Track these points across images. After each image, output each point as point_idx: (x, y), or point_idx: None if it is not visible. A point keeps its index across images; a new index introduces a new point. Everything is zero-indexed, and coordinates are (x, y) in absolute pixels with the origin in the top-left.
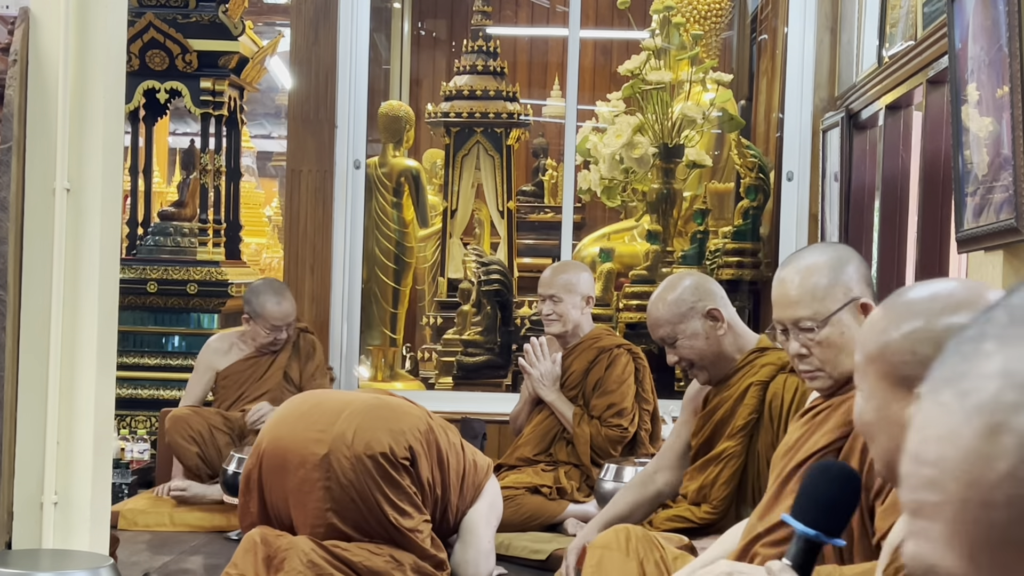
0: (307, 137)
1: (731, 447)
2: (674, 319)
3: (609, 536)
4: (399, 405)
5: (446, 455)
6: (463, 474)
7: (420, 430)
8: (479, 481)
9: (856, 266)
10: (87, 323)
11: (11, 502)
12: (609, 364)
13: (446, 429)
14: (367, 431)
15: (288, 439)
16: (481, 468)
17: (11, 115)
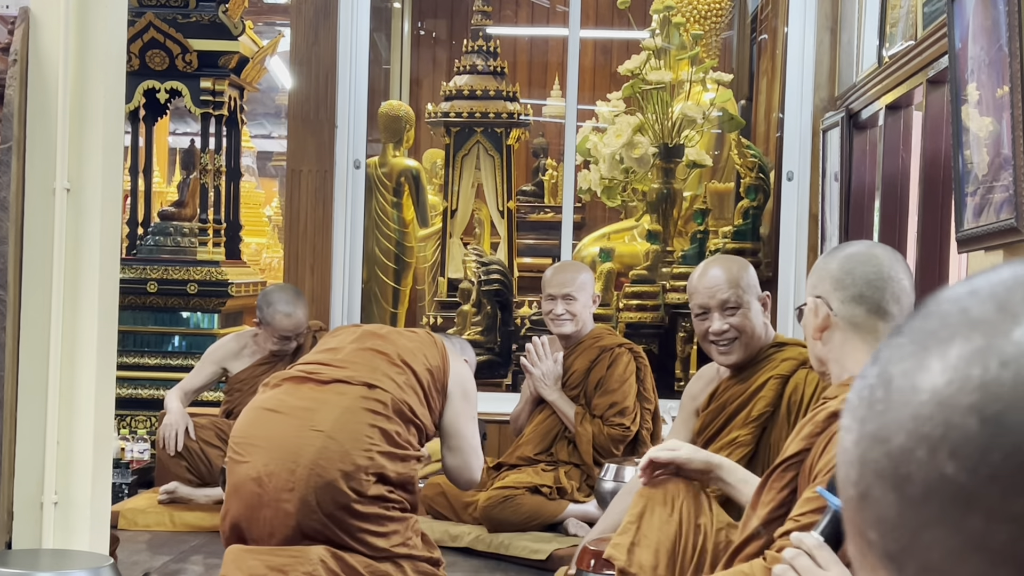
0: (307, 137)
1: (742, 435)
2: (746, 287)
3: (658, 487)
4: (353, 410)
5: (414, 409)
6: (428, 400)
7: (375, 436)
8: (442, 382)
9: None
10: (87, 323)
11: (11, 502)
12: (611, 363)
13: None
14: (327, 461)
15: (253, 494)
16: (439, 370)
17: (11, 115)
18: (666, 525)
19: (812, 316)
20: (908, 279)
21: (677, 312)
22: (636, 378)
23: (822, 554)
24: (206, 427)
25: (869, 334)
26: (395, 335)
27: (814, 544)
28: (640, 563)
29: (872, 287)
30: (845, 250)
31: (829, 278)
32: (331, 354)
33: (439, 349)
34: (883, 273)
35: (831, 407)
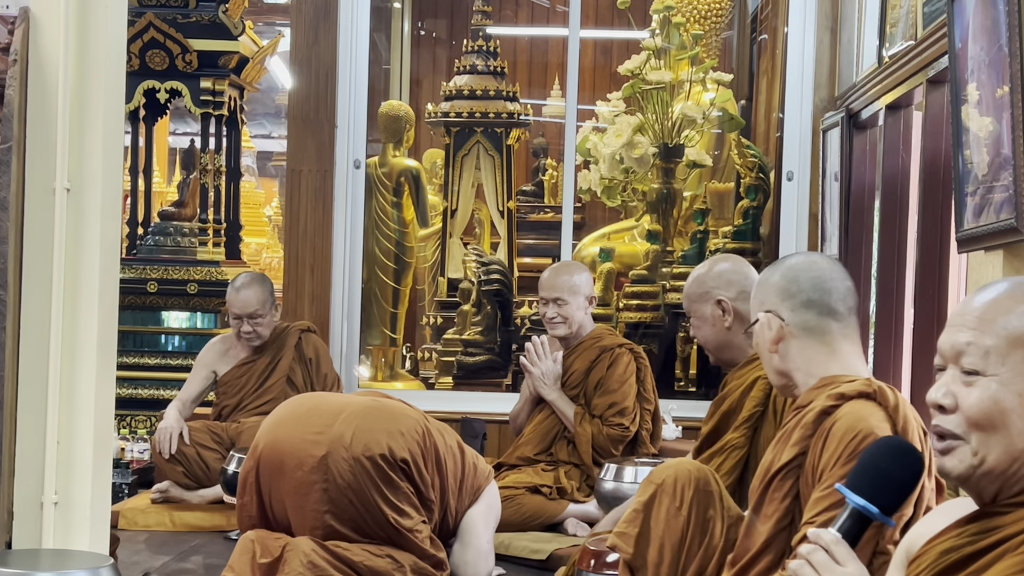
0: (307, 137)
1: (734, 438)
2: (692, 297)
3: (668, 476)
4: (396, 407)
5: (444, 458)
6: (461, 477)
7: (418, 432)
8: (478, 484)
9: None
10: (87, 323)
11: (11, 502)
12: (611, 363)
13: (443, 432)
14: (365, 433)
15: (285, 441)
16: (481, 472)
17: (11, 115)
18: (674, 519)
19: (766, 330)
20: (850, 280)
21: (677, 312)
22: (636, 378)
23: (839, 549)
24: (200, 430)
25: (825, 335)
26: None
27: (832, 540)
28: (644, 556)
29: (819, 290)
30: (784, 263)
31: (775, 290)
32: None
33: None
34: (826, 275)
35: (818, 406)
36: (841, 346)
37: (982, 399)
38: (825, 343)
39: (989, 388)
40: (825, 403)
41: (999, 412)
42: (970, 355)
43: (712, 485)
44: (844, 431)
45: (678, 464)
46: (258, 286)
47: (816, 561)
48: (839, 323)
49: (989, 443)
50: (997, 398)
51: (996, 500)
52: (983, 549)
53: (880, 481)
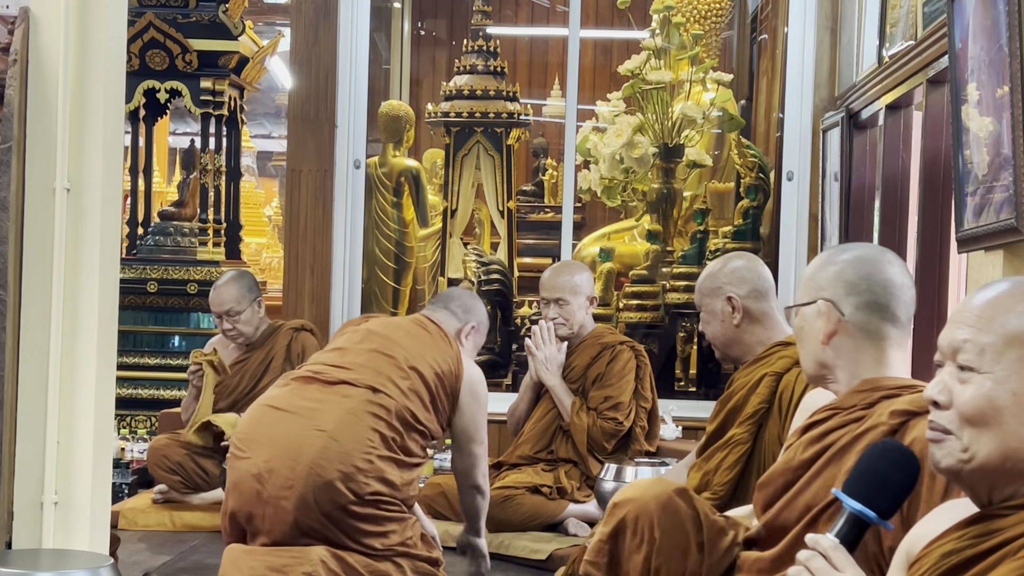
0: (307, 137)
1: (739, 434)
2: (703, 291)
3: (629, 510)
4: (356, 412)
5: (414, 415)
6: (433, 401)
7: (375, 440)
8: (454, 388)
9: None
10: (87, 323)
11: (11, 502)
12: (611, 359)
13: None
14: (320, 476)
15: (253, 490)
16: (451, 375)
17: (11, 115)
18: (636, 554)
19: (821, 321)
20: (914, 288)
21: (677, 312)
22: (635, 375)
23: (837, 555)
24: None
25: (882, 340)
26: (405, 337)
27: (829, 545)
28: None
29: (887, 294)
30: (854, 252)
31: (840, 281)
32: (338, 355)
33: (453, 353)
34: (896, 280)
35: (882, 424)
36: (893, 353)
37: (976, 396)
38: (879, 348)
39: (983, 386)
40: (891, 422)
41: (992, 409)
42: (966, 352)
43: (681, 509)
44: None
45: (642, 492)
46: (234, 283)
47: (814, 567)
48: (897, 330)
49: (980, 440)
50: (991, 395)
51: (994, 501)
52: (984, 552)
53: (877, 485)
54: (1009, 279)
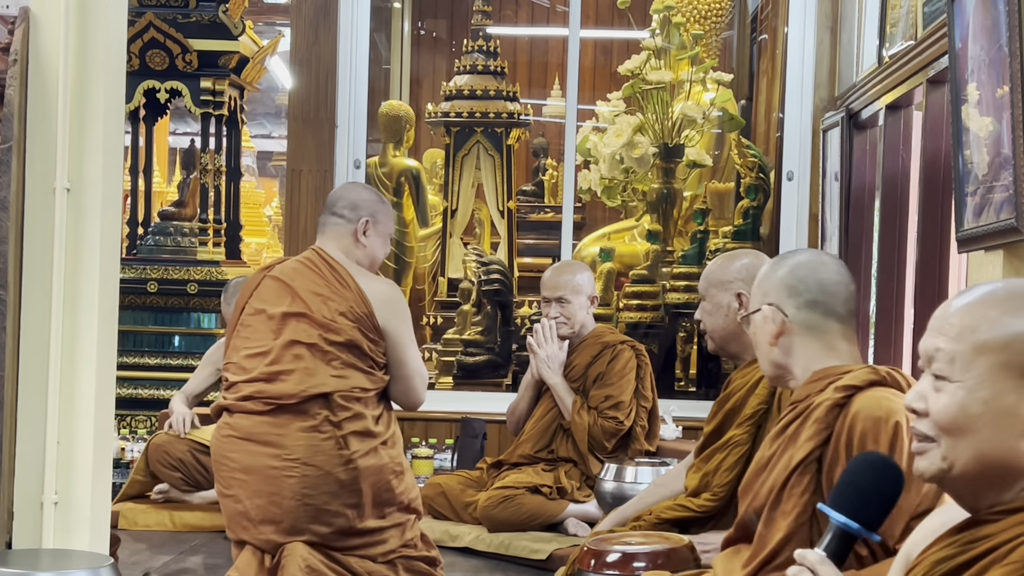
0: (307, 137)
1: (738, 435)
2: (713, 281)
3: None
4: (318, 427)
5: (363, 388)
6: (370, 355)
7: (345, 441)
8: (373, 324)
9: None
10: (87, 323)
11: (11, 502)
12: (612, 358)
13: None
14: (311, 503)
15: (244, 527)
16: (367, 316)
17: (11, 115)
18: None
19: (767, 323)
20: (853, 284)
21: (677, 312)
22: (636, 375)
23: (825, 569)
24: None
25: (826, 334)
26: (310, 297)
27: (817, 559)
28: None
29: (824, 292)
30: (792, 259)
31: (781, 285)
32: (261, 360)
33: (353, 291)
34: (833, 278)
35: (827, 400)
36: (840, 344)
37: (948, 405)
38: (825, 342)
39: (956, 395)
40: (835, 396)
41: (965, 418)
42: (939, 360)
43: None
44: (872, 422)
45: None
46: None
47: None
48: (841, 324)
49: (958, 447)
50: (963, 404)
51: (980, 508)
52: (973, 559)
53: (860, 498)
54: (988, 284)
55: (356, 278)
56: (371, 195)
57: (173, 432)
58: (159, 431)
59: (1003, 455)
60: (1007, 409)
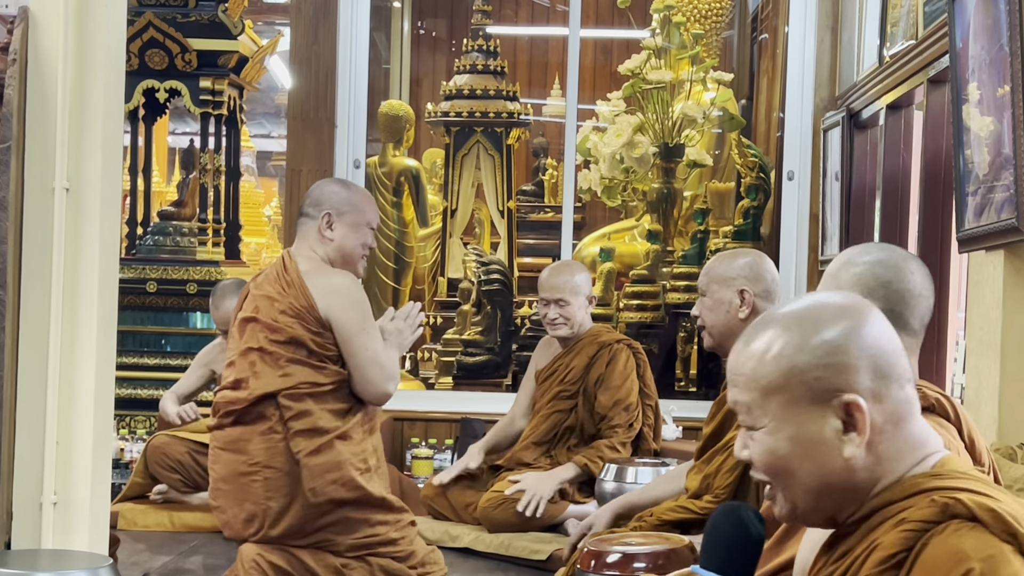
0: (307, 137)
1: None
2: (715, 277)
3: None
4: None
5: (314, 382)
6: (316, 351)
7: (298, 440)
8: (316, 317)
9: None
10: (87, 323)
11: (11, 502)
12: (610, 359)
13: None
14: (278, 502)
15: (232, 535)
16: (308, 310)
17: (10, 115)
18: None
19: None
20: (933, 296)
21: (677, 312)
22: (637, 374)
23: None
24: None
25: None
26: (261, 301)
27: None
28: None
29: (903, 303)
30: (875, 255)
31: (859, 284)
32: (230, 370)
33: (296, 287)
34: (915, 289)
35: None
36: None
37: (761, 453)
38: None
39: (763, 442)
40: None
41: (778, 460)
42: (742, 412)
43: None
44: None
45: None
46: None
47: None
48: (909, 338)
49: (789, 488)
50: (772, 448)
51: (839, 522)
52: (845, 570)
53: (723, 552)
54: (760, 323)
55: (304, 275)
56: (337, 188)
57: (179, 421)
58: (158, 432)
59: (830, 480)
60: (812, 439)
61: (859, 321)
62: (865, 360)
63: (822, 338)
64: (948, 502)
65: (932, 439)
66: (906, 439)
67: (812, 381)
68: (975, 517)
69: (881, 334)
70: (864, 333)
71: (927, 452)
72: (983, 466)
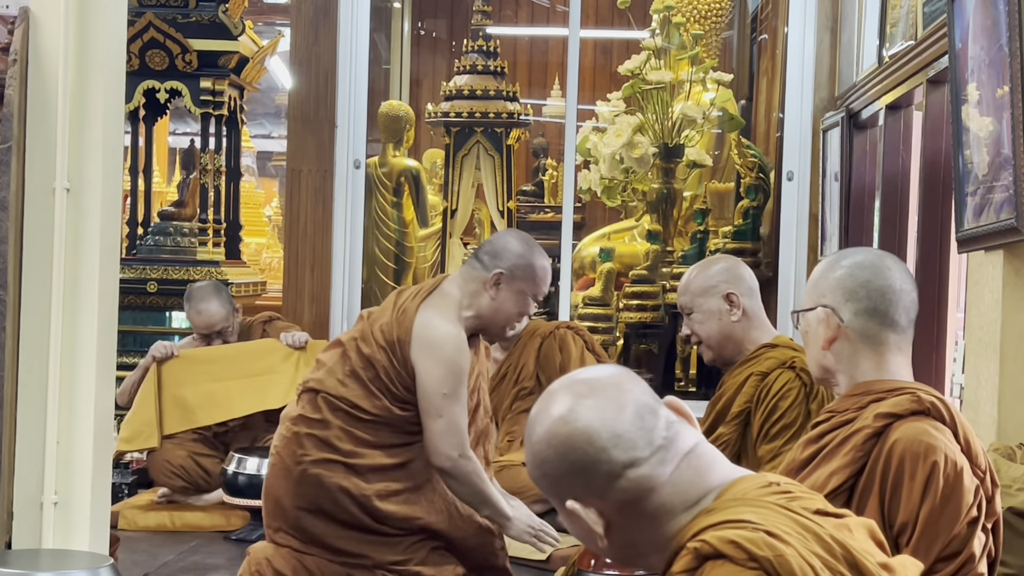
0: (307, 137)
1: (725, 433)
2: (696, 291)
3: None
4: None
5: (352, 402)
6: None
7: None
8: (403, 355)
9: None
10: (87, 323)
11: (11, 502)
12: (560, 346)
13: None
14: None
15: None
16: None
17: (11, 115)
18: None
19: (822, 327)
20: (916, 291)
21: (677, 312)
22: (589, 350)
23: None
24: (197, 440)
25: (880, 345)
26: (379, 309)
27: None
28: None
29: (885, 301)
30: (854, 258)
31: (839, 288)
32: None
33: (406, 314)
34: (895, 285)
35: (866, 428)
36: (892, 357)
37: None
38: (878, 353)
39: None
40: (874, 424)
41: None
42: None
43: None
44: (910, 457)
45: None
46: (215, 299)
47: None
48: (897, 335)
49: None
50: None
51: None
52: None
53: None
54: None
55: (422, 308)
56: (521, 250)
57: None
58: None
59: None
60: (580, 530)
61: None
62: (567, 466)
63: (534, 448)
64: (698, 546)
65: (711, 473)
66: (661, 501)
67: (544, 490)
68: (720, 553)
69: (592, 424)
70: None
71: (704, 489)
72: (979, 468)
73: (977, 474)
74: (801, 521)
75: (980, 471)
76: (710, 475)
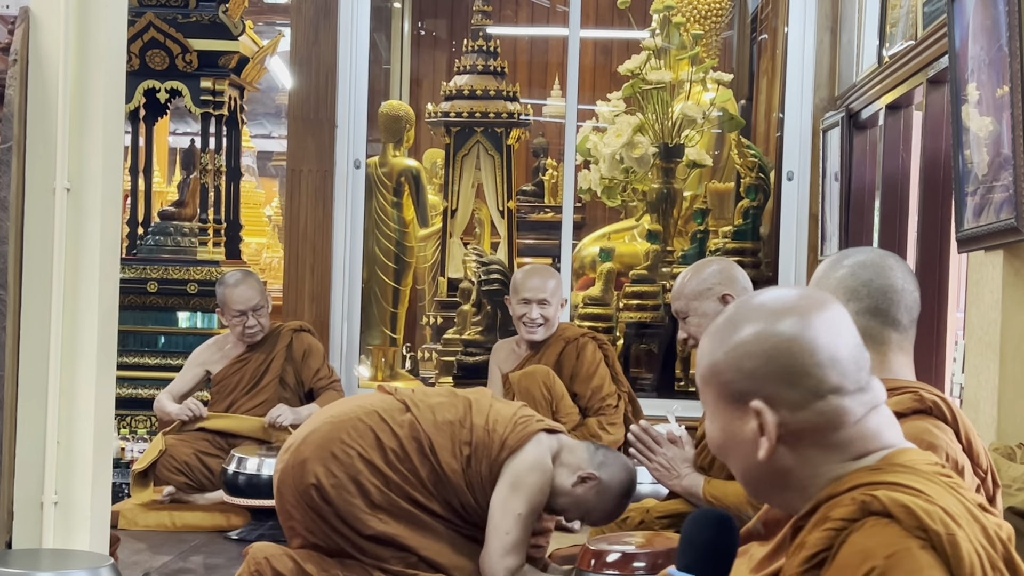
0: (307, 137)
1: None
2: (691, 295)
3: None
4: (352, 413)
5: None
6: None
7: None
8: (496, 458)
9: None
10: (87, 323)
11: (11, 502)
12: (578, 353)
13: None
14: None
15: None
16: (498, 439)
17: (11, 115)
18: None
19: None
20: (918, 290)
21: None
22: (606, 363)
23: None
24: (201, 438)
25: (882, 344)
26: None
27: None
28: None
29: (887, 300)
30: (855, 258)
31: (840, 287)
32: None
33: (528, 426)
34: (897, 285)
35: None
36: (895, 356)
37: (708, 434)
38: (880, 352)
39: (708, 424)
40: None
41: (716, 444)
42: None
43: None
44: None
45: None
46: (252, 279)
47: None
48: (899, 334)
49: (733, 469)
50: (711, 433)
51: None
52: (777, 571)
53: (697, 554)
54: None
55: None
56: (619, 468)
57: (185, 417)
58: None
59: (757, 473)
60: (736, 433)
61: (792, 324)
62: (776, 368)
63: (738, 339)
64: (865, 499)
65: (886, 434)
66: (841, 440)
67: (727, 383)
68: (889, 513)
69: (819, 339)
70: (795, 337)
71: (876, 447)
72: (981, 468)
73: (978, 473)
74: (970, 508)
75: (982, 470)
76: (885, 435)
